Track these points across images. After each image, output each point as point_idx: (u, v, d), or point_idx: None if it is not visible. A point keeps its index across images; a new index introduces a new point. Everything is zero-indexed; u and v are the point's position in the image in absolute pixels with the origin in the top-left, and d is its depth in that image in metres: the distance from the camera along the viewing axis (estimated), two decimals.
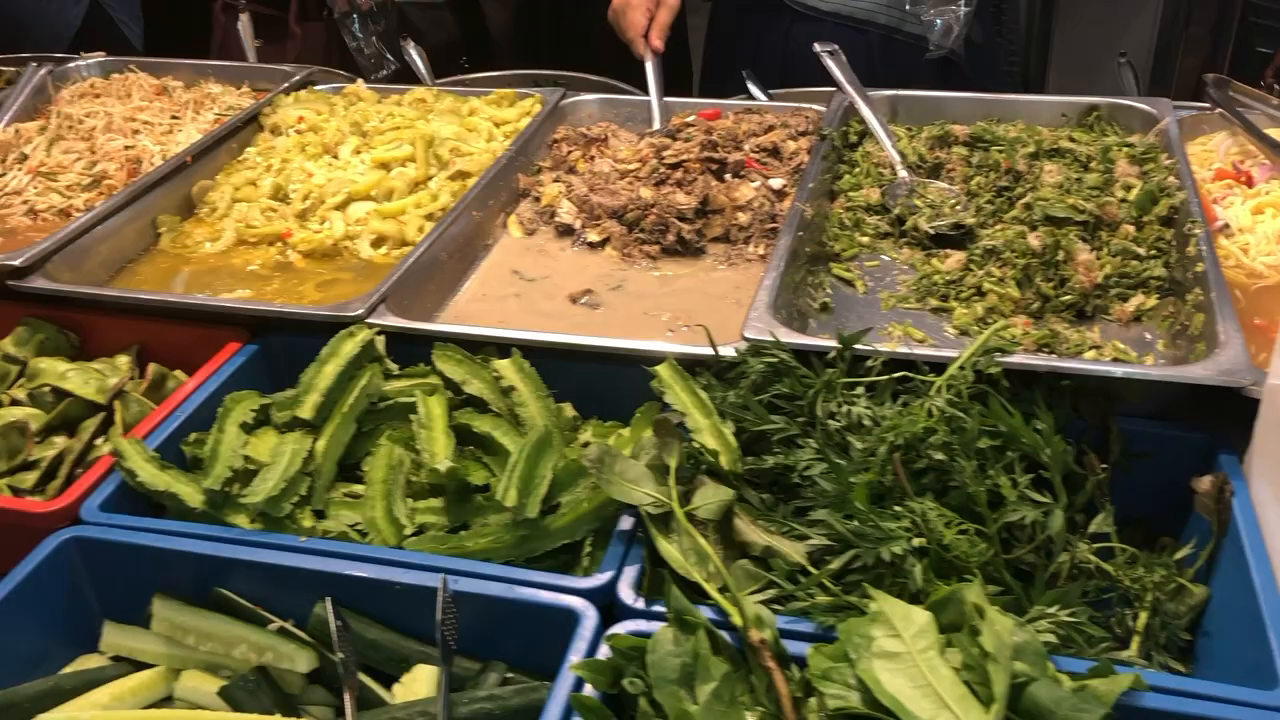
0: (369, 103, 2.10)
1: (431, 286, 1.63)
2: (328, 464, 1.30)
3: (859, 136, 1.92)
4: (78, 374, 1.46)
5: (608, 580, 1.11)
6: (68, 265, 1.64)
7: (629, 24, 2.08)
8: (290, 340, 1.51)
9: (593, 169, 1.90)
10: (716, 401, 1.28)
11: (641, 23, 2.06)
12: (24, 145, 2.01)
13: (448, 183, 1.85)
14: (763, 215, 1.73)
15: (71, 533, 1.19)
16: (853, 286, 1.63)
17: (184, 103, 2.13)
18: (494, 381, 1.38)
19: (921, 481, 1.18)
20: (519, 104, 2.11)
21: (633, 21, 2.07)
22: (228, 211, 1.84)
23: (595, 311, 1.62)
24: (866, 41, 2.26)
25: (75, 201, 1.89)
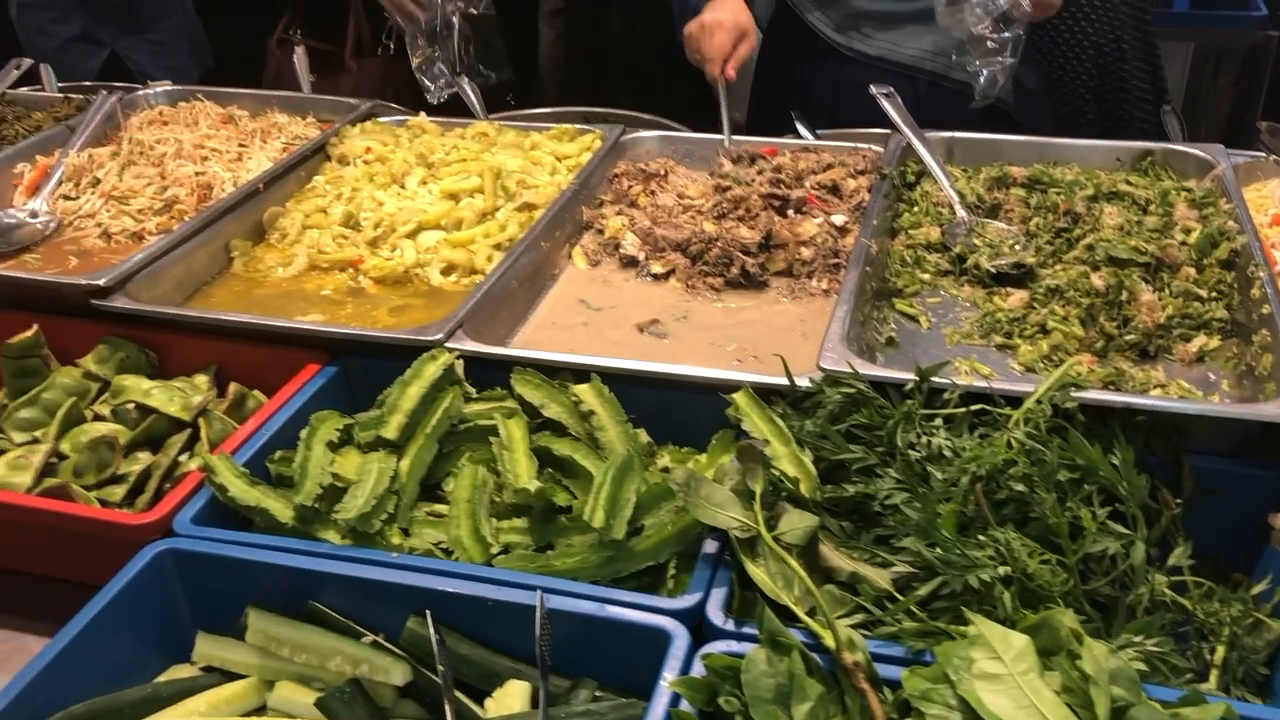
0: (433, 135, 2.15)
1: (503, 314, 1.66)
2: (411, 483, 1.33)
3: (916, 176, 1.96)
4: (161, 391, 1.49)
5: (697, 602, 1.13)
6: (146, 286, 1.68)
7: (714, 45, 2.10)
8: (368, 363, 1.54)
9: (655, 203, 1.93)
10: (794, 430, 1.30)
11: (726, 46, 2.09)
12: (97, 170, 2.06)
13: (515, 214, 1.89)
14: (825, 251, 1.77)
15: (166, 544, 1.21)
16: (916, 322, 1.66)
17: (250, 131, 2.18)
18: (573, 406, 1.40)
19: (1002, 512, 1.20)
20: (579, 139, 2.15)
21: (719, 43, 2.10)
22: (299, 238, 1.88)
23: (663, 341, 1.65)
24: (914, 87, 2.30)
25: (147, 225, 1.93)
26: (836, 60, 2.41)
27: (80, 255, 1.89)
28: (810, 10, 2.36)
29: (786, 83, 2.53)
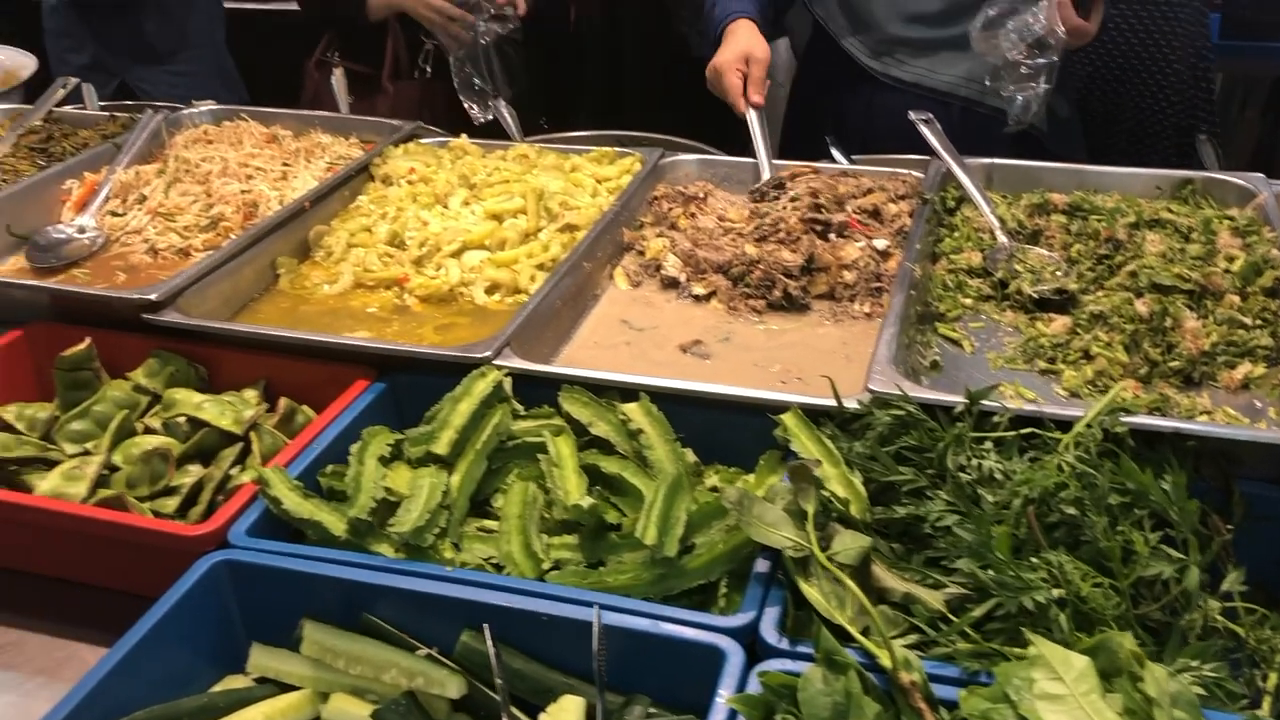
0: (474, 156, 2.17)
1: (548, 333, 1.67)
2: (462, 499, 1.34)
3: (956, 201, 1.97)
4: (213, 405, 1.51)
5: (750, 620, 1.13)
6: (195, 301, 1.70)
7: (728, 86, 2.14)
8: (416, 379, 1.55)
9: (696, 225, 1.95)
10: (843, 451, 1.31)
11: (738, 83, 2.13)
12: (143, 187, 2.09)
13: (557, 235, 1.91)
14: (868, 274, 1.78)
15: (222, 556, 1.22)
16: (959, 346, 1.67)
17: (293, 151, 2.21)
18: (620, 424, 1.41)
19: (1053, 535, 1.20)
20: (618, 162, 2.17)
21: (731, 84, 2.14)
22: (344, 256, 1.90)
23: (706, 361, 1.66)
24: (948, 112, 2.31)
25: (194, 241, 1.95)
26: (870, 86, 2.43)
27: (128, 270, 1.91)
28: (846, 36, 2.39)
29: (820, 109, 2.55)
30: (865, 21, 2.35)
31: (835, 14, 2.38)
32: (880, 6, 2.32)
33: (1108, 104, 2.71)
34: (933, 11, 2.31)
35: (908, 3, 2.31)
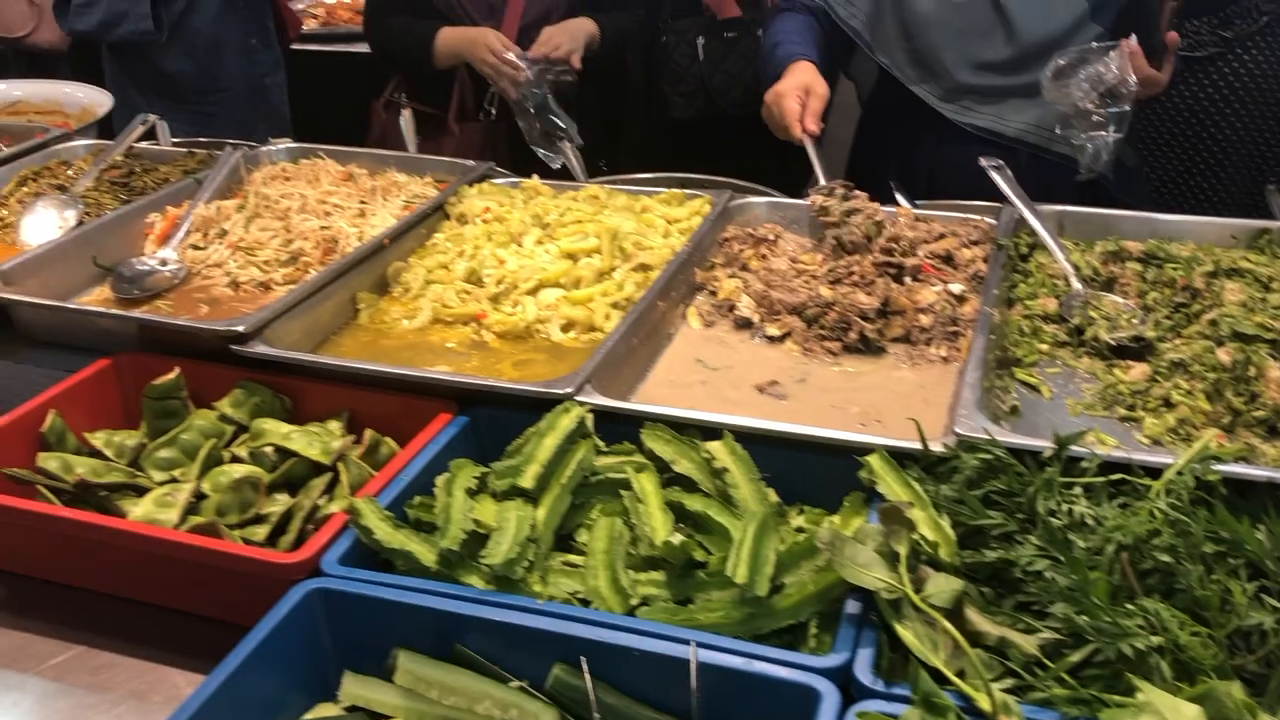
0: (547, 197, 2.21)
1: (625, 370, 1.69)
2: (547, 532, 1.35)
3: (1029, 248, 1.98)
4: (301, 436, 1.53)
5: (844, 661, 1.13)
6: (281, 334, 1.73)
7: (785, 110, 2.15)
8: (497, 414, 1.57)
9: (768, 266, 1.96)
10: (930, 495, 1.31)
11: (796, 108, 2.15)
12: (224, 221, 2.13)
13: (631, 274, 1.93)
14: (944, 318, 1.78)
15: (316, 584, 1.24)
16: (1038, 391, 1.66)
17: (370, 189, 2.25)
18: (704, 462, 1.42)
19: (1147, 583, 1.20)
20: (688, 204, 2.20)
21: (789, 109, 2.15)
22: (422, 292, 1.93)
23: (783, 402, 1.67)
24: (1015, 159, 2.32)
25: (274, 275, 1.99)
26: (936, 132, 2.44)
27: (209, 302, 1.95)
28: (917, 83, 2.40)
29: (884, 156, 2.56)
30: (934, 69, 2.37)
31: (903, 62, 2.40)
32: (950, 55, 2.34)
33: (1175, 153, 2.71)
34: (1002, 60, 2.32)
35: (977, 51, 2.33)
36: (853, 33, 2.40)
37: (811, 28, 2.36)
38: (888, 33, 2.39)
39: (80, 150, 2.57)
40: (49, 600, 1.44)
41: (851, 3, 2.40)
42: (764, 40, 2.41)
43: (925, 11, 2.33)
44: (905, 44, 2.38)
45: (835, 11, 2.39)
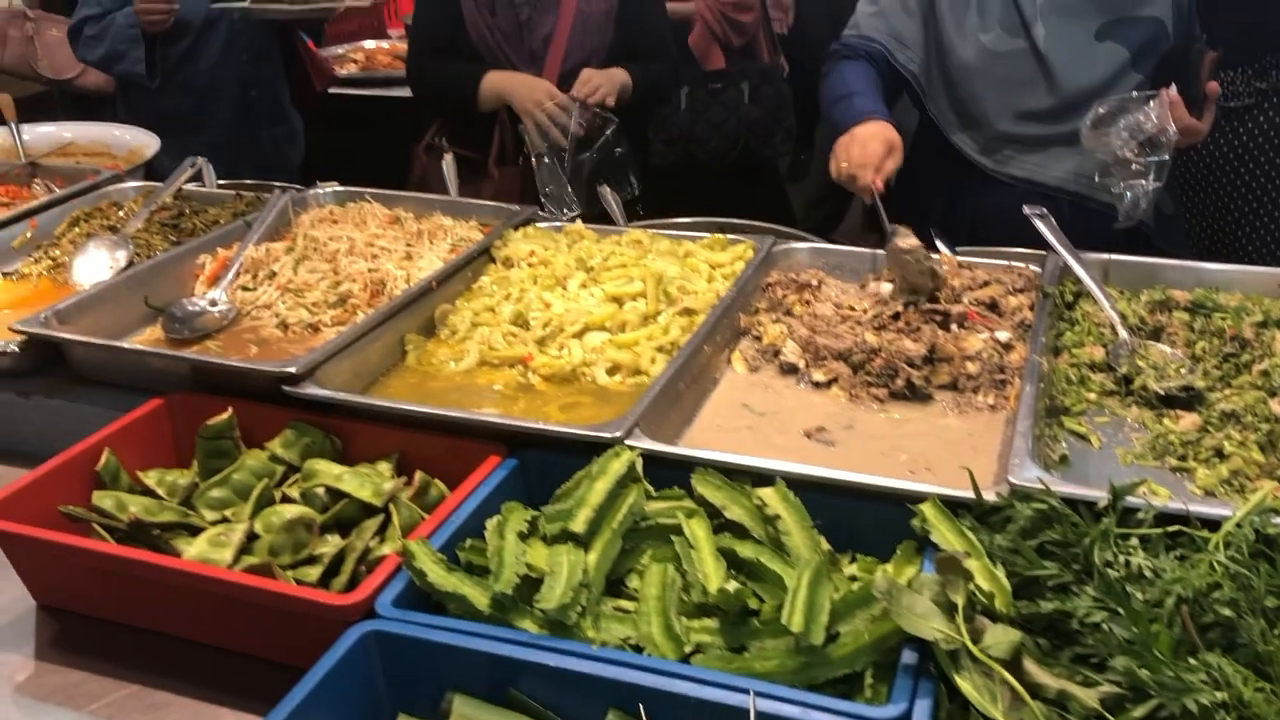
0: (590, 241, 2.23)
1: (673, 415, 1.70)
2: (599, 577, 1.35)
3: (1074, 296, 1.98)
4: (352, 477, 1.54)
5: (902, 711, 1.12)
6: (331, 375, 1.75)
7: (866, 152, 2.12)
8: (546, 457, 1.58)
9: (812, 312, 1.97)
10: (984, 544, 1.31)
11: (879, 154, 2.12)
12: (273, 263, 2.16)
13: (676, 318, 1.94)
14: (991, 366, 1.78)
15: (371, 626, 1.24)
16: (1087, 441, 1.66)
17: (416, 232, 2.28)
18: (756, 509, 1.42)
19: (1207, 636, 1.19)
20: (730, 249, 2.21)
21: (873, 151, 2.12)
22: (469, 334, 1.94)
23: (831, 448, 1.67)
24: (1057, 207, 2.32)
25: (322, 317, 2.02)
26: (978, 182, 2.45)
27: (259, 343, 1.98)
28: (955, 131, 2.42)
29: (925, 203, 2.56)
30: (976, 118, 2.39)
31: (945, 110, 2.42)
32: (992, 104, 2.36)
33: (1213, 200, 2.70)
34: (1044, 109, 2.34)
35: (1019, 100, 2.34)
36: (911, 77, 2.41)
37: (875, 80, 2.36)
38: (933, 80, 2.41)
39: (130, 192, 2.62)
40: (103, 639, 1.45)
41: (908, 48, 2.42)
42: (830, 85, 2.40)
43: (967, 60, 2.35)
44: (947, 92, 2.40)
45: (894, 56, 2.41)
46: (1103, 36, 2.30)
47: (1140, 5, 2.30)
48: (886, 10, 2.43)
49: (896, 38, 2.43)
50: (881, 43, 2.42)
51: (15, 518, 1.47)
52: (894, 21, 2.43)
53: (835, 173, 2.19)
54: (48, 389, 1.88)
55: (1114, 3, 2.30)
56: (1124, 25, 2.30)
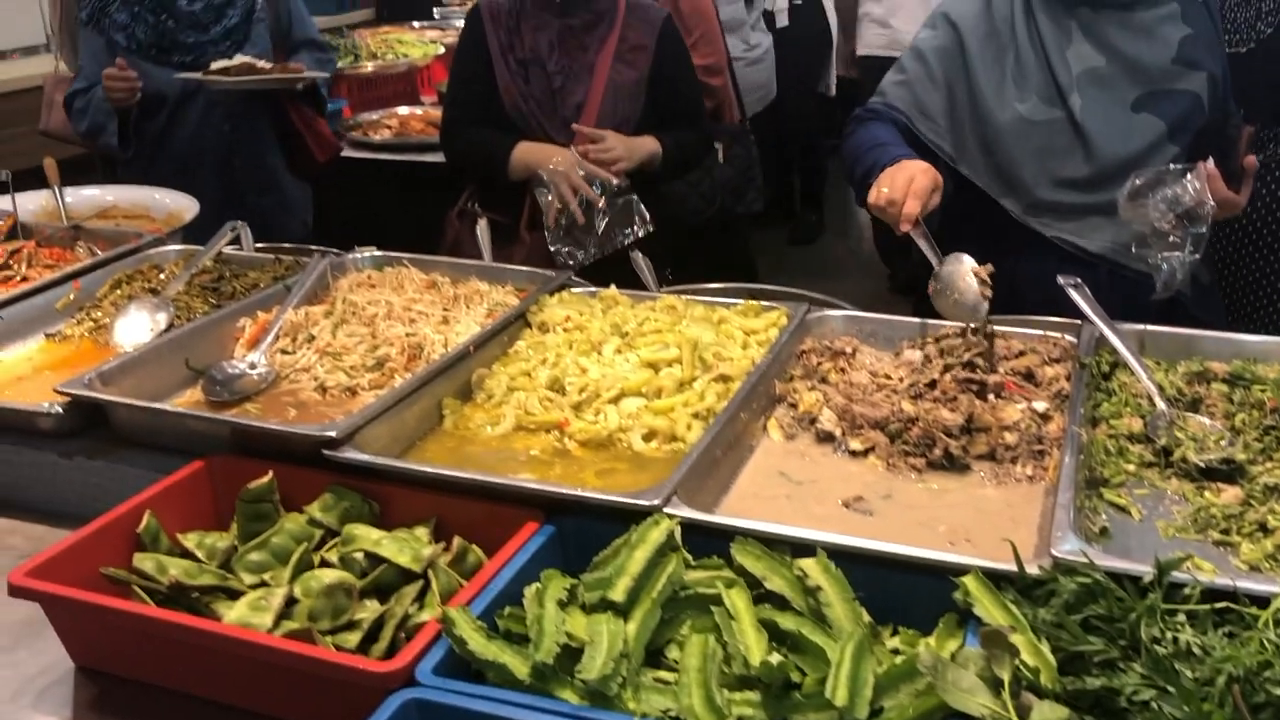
0: (625, 306, 2.25)
1: (710, 482, 1.70)
2: (638, 647, 1.34)
3: (1110, 366, 1.97)
4: (391, 542, 1.54)
5: None
6: (370, 439, 1.76)
7: (917, 186, 2.09)
8: (583, 524, 1.58)
9: (848, 380, 1.98)
10: (1027, 618, 1.30)
11: (925, 185, 2.09)
12: (312, 327, 2.19)
13: (712, 385, 1.95)
14: (1029, 437, 1.78)
15: (412, 694, 1.24)
16: (1127, 513, 1.65)
17: (453, 297, 2.30)
18: (796, 580, 1.41)
19: (1260, 717, 1.17)
20: (764, 316, 2.22)
21: (920, 185, 2.09)
22: (505, 399, 1.96)
23: (869, 518, 1.66)
24: (1094, 274, 2.33)
25: (360, 381, 2.04)
26: (1014, 248, 2.45)
27: (297, 406, 2.00)
28: (1002, 196, 2.43)
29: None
30: (1013, 184, 2.40)
31: (982, 173, 2.43)
32: (1029, 171, 2.37)
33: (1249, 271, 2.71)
34: (1081, 177, 2.35)
35: (1056, 168, 2.36)
36: (935, 147, 2.43)
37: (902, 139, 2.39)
38: (969, 147, 2.43)
39: (171, 255, 2.66)
40: (142, 702, 1.45)
41: (931, 119, 2.44)
42: (858, 139, 2.41)
43: (1005, 127, 2.37)
44: (985, 158, 2.41)
45: (916, 127, 2.43)
46: (1139, 108, 2.32)
47: (1176, 79, 2.33)
48: (912, 80, 2.46)
49: (920, 109, 2.45)
50: (905, 113, 2.45)
51: (57, 579, 1.48)
52: (918, 91, 2.46)
53: (874, 199, 2.16)
54: (89, 450, 1.90)
55: (1150, 75, 2.33)
56: (1160, 98, 2.32)
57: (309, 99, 3.72)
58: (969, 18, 2.43)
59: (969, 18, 2.43)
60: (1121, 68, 2.33)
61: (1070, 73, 2.33)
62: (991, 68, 2.39)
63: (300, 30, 3.75)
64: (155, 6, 3.48)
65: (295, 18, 3.74)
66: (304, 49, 3.73)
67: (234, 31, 3.54)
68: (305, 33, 3.77)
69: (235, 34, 3.54)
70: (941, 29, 2.46)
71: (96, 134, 3.55)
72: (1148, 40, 2.33)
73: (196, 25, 3.51)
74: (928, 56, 2.46)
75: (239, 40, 3.55)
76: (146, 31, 3.48)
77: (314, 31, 3.83)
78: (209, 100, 3.55)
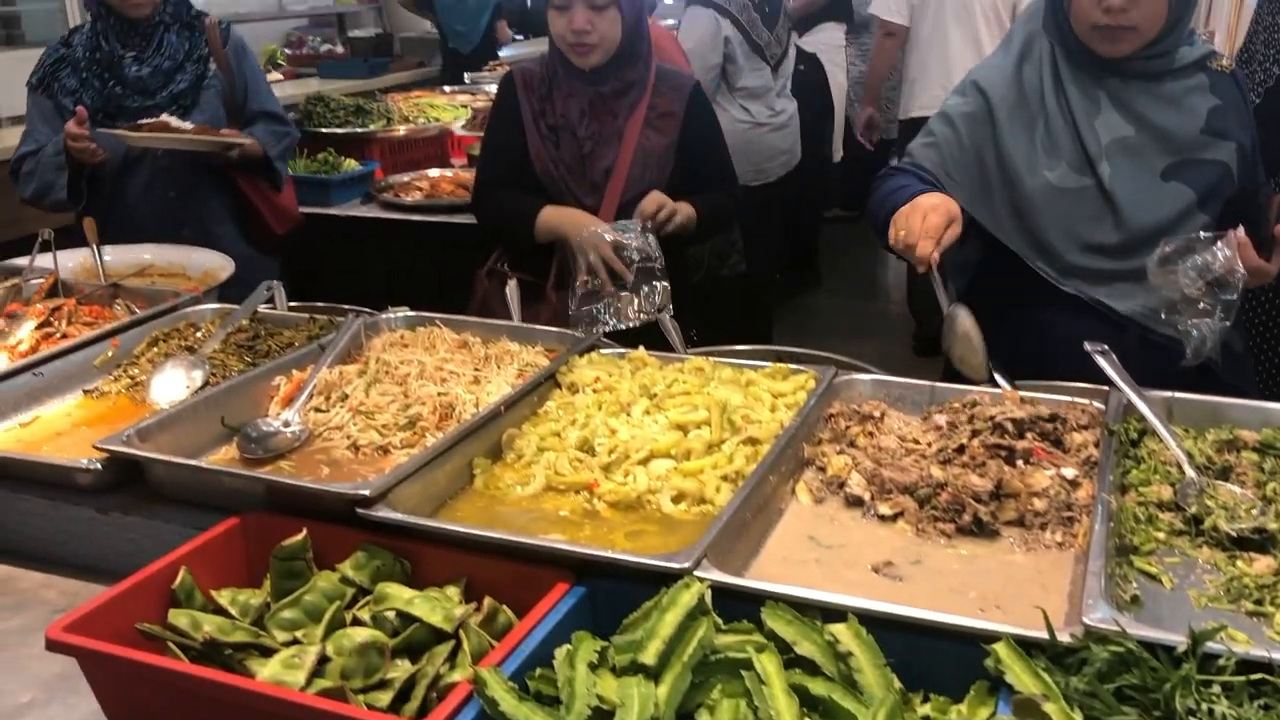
0: (653, 368, 2.27)
1: (739, 545, 1.70)
2: (669, 711, 1.34)
3: (1139, 433, 1.98)
4: (423, 602, 1.56)
5: None
6: (402, 498, 1.78)
7: (927, 224, 2.11)
8: (613, 586, 1.59)
9: (877, 444, 1.98)
10: (1060, 687, 1.29)
11: (939, 226, 2.12)
12: (345, 385, 2.22)
13: (740, 447, 1.96)
14: (1058, 503, 1.78)
15: None
16: (1158, 582, 1.64)
17: (484, 357, 2.33)
18: (827, 645, 1.42)
19: None
20: (792, 378, 2.24)
21: (932, 224, 2.11)
22: (535, 459, 1.98)
23: (899, 584, 1.66)
24: (1124, 339, 2.34)
25: (392, 439, 2.06)
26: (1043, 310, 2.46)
27: (330, 464, 2.02)
28: (1033, 258, 2.45)
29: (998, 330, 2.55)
30: (1044, 248, 2.42)
31: (1013, 237, 2.45)
32: (1058, 237, 2.39)
33: None
34: (1110, 244, 2.37)
35: (1086, 234, 2.38)
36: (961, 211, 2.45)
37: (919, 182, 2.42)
38: (999, 211, 2.45)
39: (207, 313, 2.71)
40: None
41: (959, 182, 2.47)
42: (881, 190, 2.44)
43: (1034, 194, 2.40)
44: (1015, 223, 2.44)
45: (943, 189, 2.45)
46: (1169, 177, 2.34)
47: (1205, 149, 2.35)
48: (940, 143, 2.50)
49: (947, 171, 2.48)
50: (932, 174, 2.48)
51: (94, 634, 1.49)
52: (946, 154, 2.49)
53: (893, 240, 2.19)
54: (125, 506, 1.93)
55: (1179, 145, 2.35)
56: (1189, 167, 2.35)
57: (263, 171, 3.70)
58: (998, 86, 2.47)
59: (998, 86, 2.47)
60: (1150, 137, 2.36)
61: (1099, 141, 2.36)
62: (1021, 135, 2.42)
63: (256, 102, 3.72)
64: (103, 72, 3.52)
65: (252, 89, 3.71)
66: (260, 120, 3.70)
67: (180, 97, 3.56)
68: (261, 104, 3.73)
69: (182, 99, 3.57)
70: (971, 96, 2.50)
71: (44, 194, 3.52)
72: (1176, 110, 2.36)
73: (143, 90, 3.54)
74: (956, 122, 2.49)
75: (186, 106, 3.56)
76: (94, 96, 3.50)
77: (271, 104, 3.78)
78: (155, 168, 3.57)
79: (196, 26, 3.64)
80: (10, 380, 2.32)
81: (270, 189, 3.79)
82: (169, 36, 3.58)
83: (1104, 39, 2.32)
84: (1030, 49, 2.47)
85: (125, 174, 3.61)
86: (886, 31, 5.82)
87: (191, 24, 3.64)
